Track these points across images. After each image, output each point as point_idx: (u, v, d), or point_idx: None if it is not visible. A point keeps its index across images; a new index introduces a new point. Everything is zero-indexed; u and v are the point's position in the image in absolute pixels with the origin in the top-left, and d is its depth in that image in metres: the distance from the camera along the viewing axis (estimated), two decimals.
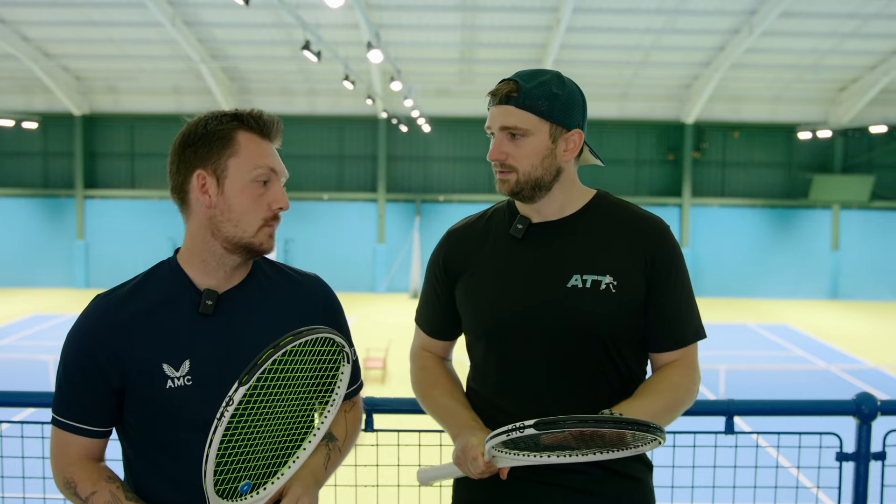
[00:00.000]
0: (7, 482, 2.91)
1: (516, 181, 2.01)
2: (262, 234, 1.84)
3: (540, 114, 1.98)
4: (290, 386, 1.76)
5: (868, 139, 24.86)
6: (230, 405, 1.63)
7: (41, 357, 14.03)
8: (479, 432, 1.94)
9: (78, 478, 1.83)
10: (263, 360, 1.63)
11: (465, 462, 1.90)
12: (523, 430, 1.70)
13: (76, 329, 1.86)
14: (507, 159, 2.00)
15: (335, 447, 1.96)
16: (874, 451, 2.78)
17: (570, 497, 2.02)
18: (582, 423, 1.69)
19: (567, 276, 2.00)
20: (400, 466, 2.74)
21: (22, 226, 25.35)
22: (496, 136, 2.02)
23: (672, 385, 2.01)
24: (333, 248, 25.05)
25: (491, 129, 2.03)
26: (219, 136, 1.82)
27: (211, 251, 1.86)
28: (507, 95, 1.98)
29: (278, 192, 1.86)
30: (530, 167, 2.00)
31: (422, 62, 21.87)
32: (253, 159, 1.83)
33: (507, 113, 1.98)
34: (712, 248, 24.97)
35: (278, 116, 1.91)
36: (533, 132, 1.98)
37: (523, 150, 2.00)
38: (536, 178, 2.01)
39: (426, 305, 2.25)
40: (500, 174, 2.03)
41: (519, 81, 1.99)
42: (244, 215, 1.82)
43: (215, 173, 1.82)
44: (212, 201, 1.82)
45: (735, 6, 17.97)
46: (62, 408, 1.85)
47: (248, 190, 1.82)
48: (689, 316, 2.07)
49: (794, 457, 2.81)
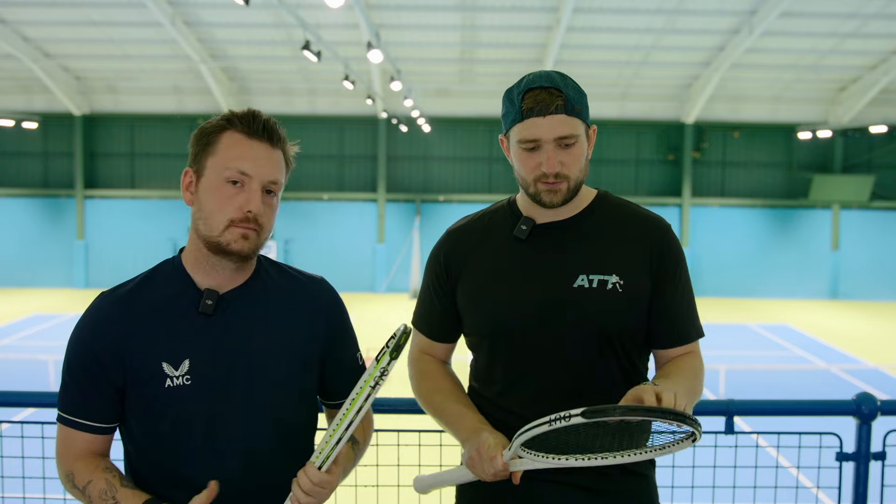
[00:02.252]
0: (7, 482, 2.91)
1: (567, 188, 1.99)
2: (229, 235, 1.82)
3: (582, 117, 1.98)
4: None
5: (868, 139, 24.85)
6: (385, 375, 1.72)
7: (41, 357, 14.01)
8: (493, 434, 1.93)
9: (76, 469, 1.85)
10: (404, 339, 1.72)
11: (480, 463, 1.88)
12: (569, 419, 1.64)
13: (79, 327, 1.88)
14: (562, 169, 1.98)
15: (357, 450, 1.99)
16: (874, 451, 2.78)
17: (578, 495, 2.02)
18: (630, 412, 1.64)
19: (573, 276, 2.00)
20: (400, 466, 2.74)
21: (22, 226, 25.34)
22: (546, 148, 1.96)
23: (693, 369, 2.05)
24: (333, 248, 25.04)
25: (539, 141, 1.95)
26: (206, 136, 1.86)
27: (200, 249, 1.88)
28: (557, 105, 1.95)
29: (251, 194, 1.83)
30: (579, 172, 2.01)
31: (422, 62, 21.87)
32: (225, 160, 1.83)
33: (561, 122, 1.95)
34: (712, 248, 24.95)
35: (280, 117, 1.91)
36: (580, 137, 1.98)
37: (573, 157, 1.99)
38: (580, 182, 2.03)
39: (425, 307, 2.23)
40: (552, 185, 1.98)
41: (562, 89, 1.95)
42: (211, 214, 1.83)
43: (196, 172, 1.86)
44: (191, 198, 1.87)
45: (735, 6, 17.96)
46: (66, 404, 1.87)
47: (219, 190, 1.83)
48: (693, 313, 2.11)
49: (794, 457, 2.80)
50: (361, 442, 2.01)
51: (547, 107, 1.93)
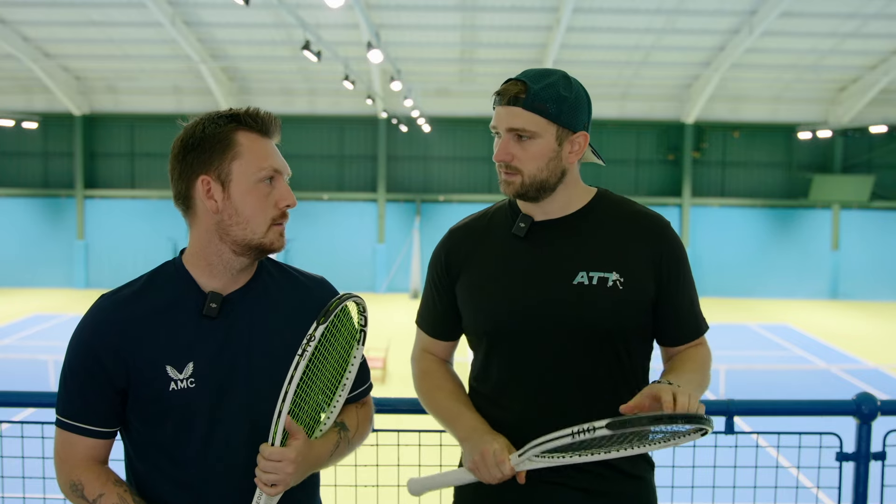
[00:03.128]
0: (7, 482, 2.91)
1: (521, 183, 2.00)
2: (272, 234, 1.84)
3: (547, 116, 1.96)
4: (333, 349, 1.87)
5: (868, 139, 24.85)
6: (312, 341, 1.73)
7: (41, 357, 14.02)
8: (497, 437, 1.93)
9: (85, 480, 1.82)
10: (336, 304, 1.78)
11: (486, 467, 1.88)
12: (594, 432, 1.64)
13: (80, 329, 1.85)
14: (512, 161, 1.99)
15: (346, 437, 1.95)
16: (874, 451, 2.78)
17: (576, 496, 2.01)
18: (655, 421, 1.63)
19: (573, 273, 2.00)
20: (400, 466, 2.74)
21: (22, 226, 25.34)
22: (502, 137, 2.01)
23: (701, 360, 2.08)
24: (333, 248, 25.04)
25: (497, 129, 2.02)
26: (219, 139, 1.80)
27: (218, 255, 1.85)
28: (514, 96, 1.96)
29: (284, 190, 1.85)
30: (536, 169, 1.99)
31: (422, 62, 21.87)
32: (256, 160, 1.81)
33: (515, 114, 1.97)
34: (712, 248, 24.95)
35: (280, 117, 1.91)
36: (540, 134, 1.97)
37: (529, 153, 1.98)
38: (542, 180, 2.00)
39: (427, 306, 2.23)
40: (506, 175, 2.02)
41: (527, 83, 1.96)
42: (253, 217, 1.81)
43: (220, 178, 1.80)
44: (218, 206, 1.81)
45: (735, 6, 17.96)
46: (66, 409, 1.84)
47: (255, 191, 1.81)
48: (697, 308, 2.14)
49: (794, 457, 2.80)
50: (352, 430, 1.97)
51: (505, 97, 1.99)
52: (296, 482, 1.80)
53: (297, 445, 1.76)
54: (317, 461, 1.85)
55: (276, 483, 1.74)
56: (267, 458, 1.73)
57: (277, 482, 1.74)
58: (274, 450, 1.73)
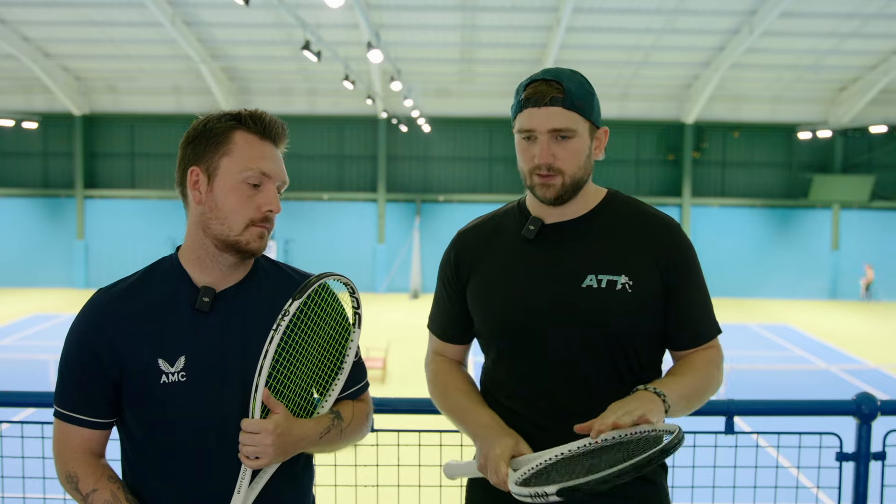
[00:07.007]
0: (7, 482, 2.91)
1: (562, 184, 1.99)
2: (248, 234, 1.84)
3: (584, 114, 1.97)
4: (320, 329, 1.89)
5: (868, 139, 24.87)
6: (285, 316, 1.75)
7: (41, 357, 14.02)
8: (507, 436, 1.92)
9: (80, 473, 1.84)
10: (314, 280, 1.79)
11: (486, 469, 1.90)
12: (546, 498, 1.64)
13: (77, 322, 1.88)
14: (555, 162, 1.97)
15: (339, 425, 1.95)
16: (874, 451, 2.77)
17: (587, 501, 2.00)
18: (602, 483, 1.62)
19: (582, 276, 1.99)
20: (400, 466, 2.74)
21: (22, 226, 25.35)
22: (541, 139, 1.97)
23: (705, 364, 2.04)
24: (333, 248, 25.05)
25: (534, 131, 1.97)
26: (215, 135, 1.84)
27: (204, 248, 1.87)
28: (553, 97, 1.95)
29: (270, 195, 1.85)
30: (576, 168, 1.99)
31: (422, 62, 21.87)
32: (245, 160, 1.83)
33: (556, 114, 1.95)
34: (712, 249, 24.95)
35: (280, 117, 1.91)
36: (579, 133, 1.97)
37: (570, 152, 1.98)
38: (579, 179, 2.01)
39: (438, 309, 2.23)
40: (546, 178, 1.98)
41: (562, 82, 1.96)
42: (230, 214, 1.83)
43: (207, 171, 1.84)
44: (201, 198, 1.84)
45: (735, 6, 17.97)
46: (63, 399, 1.87)
47: (238, 190, 1.83)
48: (708, 311, 2.10)
49: (794, 457, 2.80)
50: (347, 420, 1.97)
51: (543, 97, 1.95)
52: (281, 458, 1.81)
53: (276, 418, 1.77)
54: (302, 439, 1.84)
55: (258, 456, 1.76)
56: (245, 430, 1.76)
57: (259, 454, 1.76)
58: (252, 421, 1.76)
